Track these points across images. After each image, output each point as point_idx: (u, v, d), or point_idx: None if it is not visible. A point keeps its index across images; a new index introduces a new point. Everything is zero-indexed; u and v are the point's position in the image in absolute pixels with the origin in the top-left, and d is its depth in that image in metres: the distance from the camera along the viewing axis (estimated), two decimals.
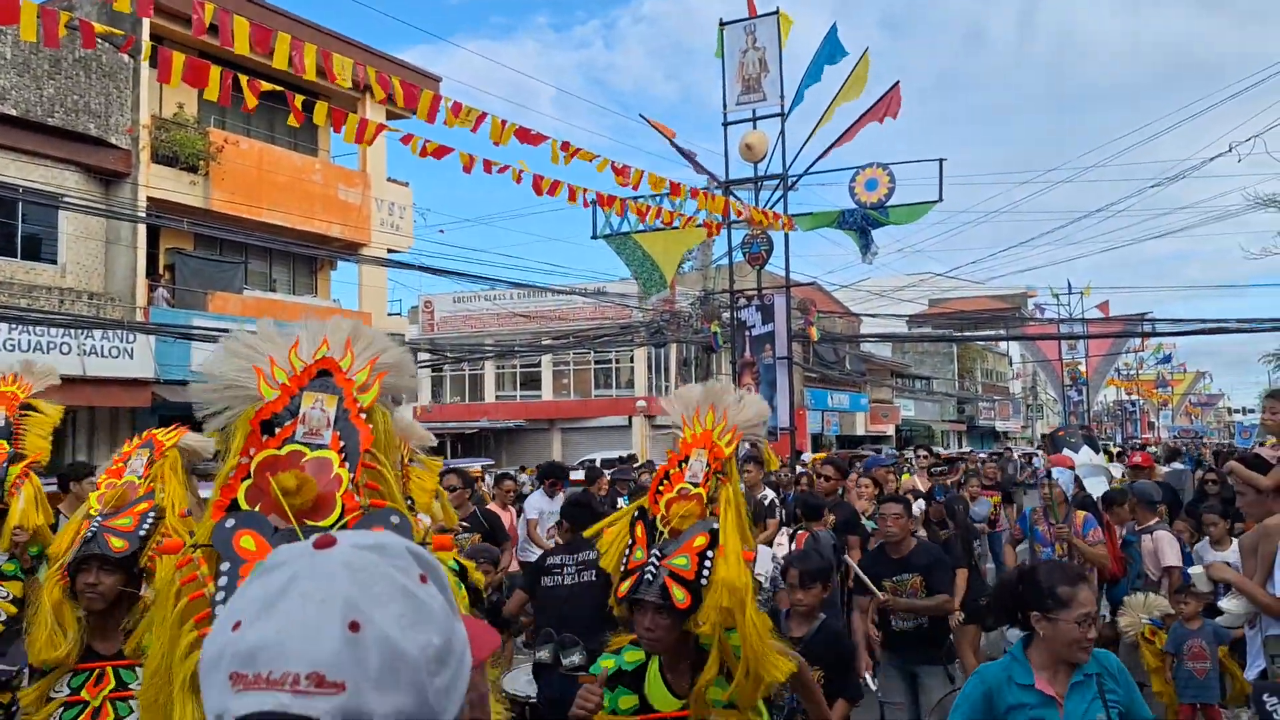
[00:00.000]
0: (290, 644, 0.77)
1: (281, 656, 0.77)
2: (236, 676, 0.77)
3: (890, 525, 6.02)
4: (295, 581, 0.81)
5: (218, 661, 0.79)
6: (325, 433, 1.89)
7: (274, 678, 0.76)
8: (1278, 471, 4.70)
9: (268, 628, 0.78)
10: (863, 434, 46.79)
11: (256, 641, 0.78)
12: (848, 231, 16.14)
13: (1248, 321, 24.27)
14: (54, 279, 16.81)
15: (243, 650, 0.78)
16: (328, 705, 0.76)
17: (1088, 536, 7.03)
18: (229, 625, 0.80)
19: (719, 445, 3.07)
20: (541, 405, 37.13)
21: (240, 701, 0.76)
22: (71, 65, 16.63)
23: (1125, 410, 66.21)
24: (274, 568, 0.84)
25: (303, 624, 0.78)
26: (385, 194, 22.67)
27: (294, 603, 0.79)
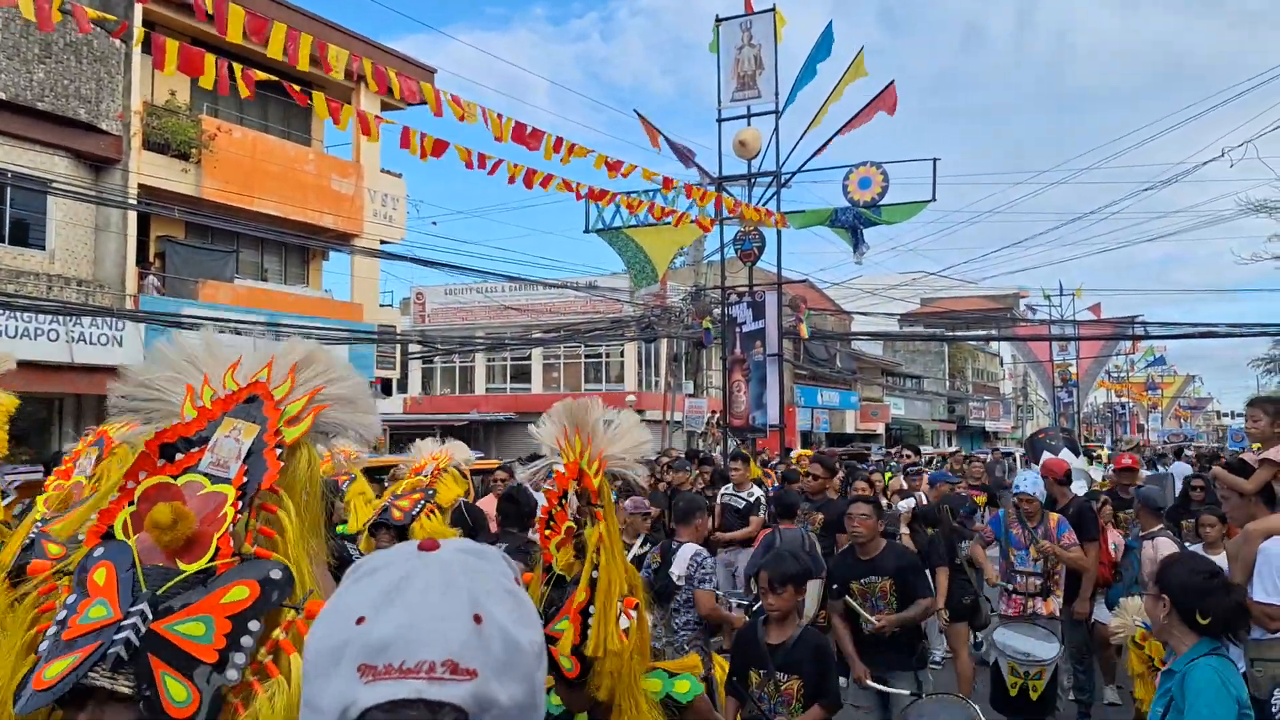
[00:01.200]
0: (422, 634, 0.80)
1: (415, 646, 0.79)
2: (366, 668, 0.79)
3: (858, 526, 5.90)
4: (412, 577, 0.84)
5: (339, 654, 0.80)
6: (233, 465, 1.71)
7: (408, 666, 0.78)
8: (1260, 476, 4.72)
9: (398, 620, 0.80)
10: (852, 432, 46.85)
11: (388, 633, 0.80)
12: (839, 230, 16.16)
13: (1238, 326, 24.39)
14: (42, 265, 16.73)
15: (373, 642, 0.79)
16: (461, 691, 0.79)
17: (1062, 539, 6.97)
18: (350, 619, 0.82)
19: (587, 475, 2.73)
20: (531, 398, 37.08)
21: (373, 691, 0.78)
22: (62, 50, 16.54)
23: (1115, 412, 66.46)
24: (379, 568, 0.86)
25: (433, 615, 0.81)
26: (378, 185, 22.60)
27: (418, 596, 0.82)
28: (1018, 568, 7.11)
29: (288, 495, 1.71)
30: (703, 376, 33.84)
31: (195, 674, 1.51)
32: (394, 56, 21.61)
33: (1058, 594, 7.09)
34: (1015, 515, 7.19)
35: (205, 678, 1.50)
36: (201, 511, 1.57)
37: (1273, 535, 4.50)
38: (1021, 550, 7.06)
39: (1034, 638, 6.38)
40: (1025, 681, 6.18)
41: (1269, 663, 4.37)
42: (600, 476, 2.73)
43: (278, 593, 1.58)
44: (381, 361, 22.66)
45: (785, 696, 4.42)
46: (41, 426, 17.43)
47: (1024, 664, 6.16)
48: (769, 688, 4.45)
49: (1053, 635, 6.45)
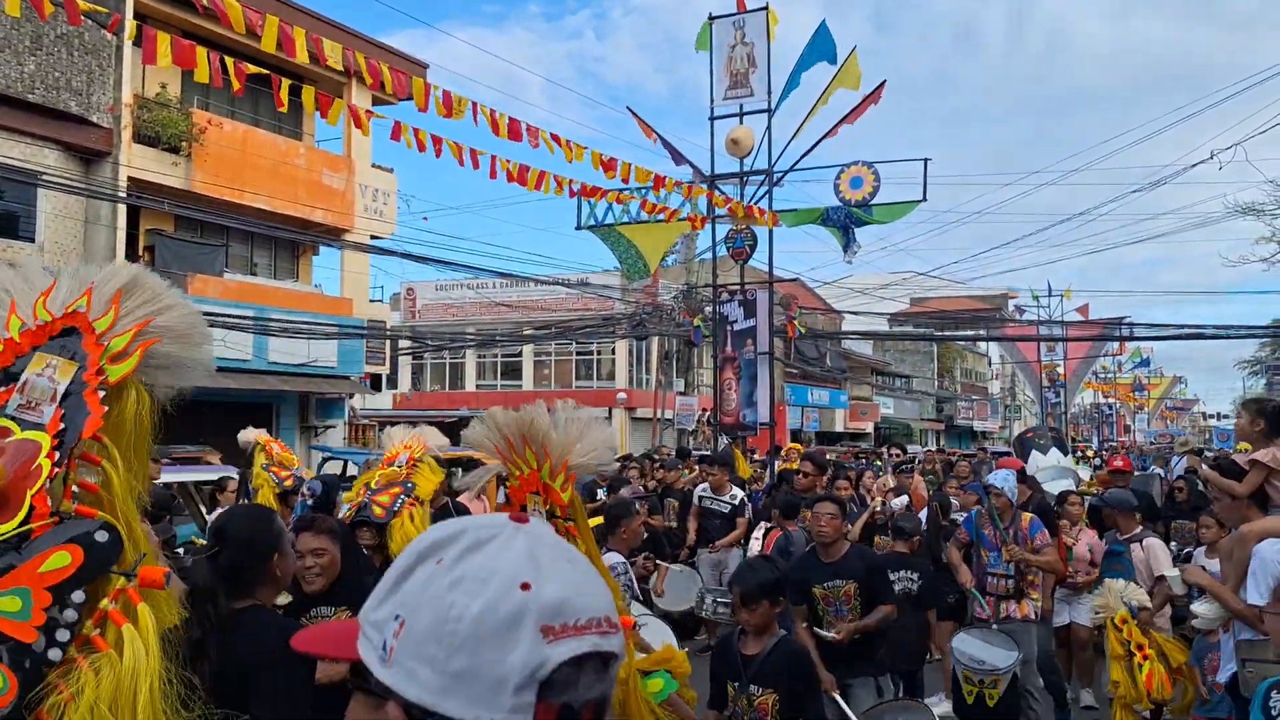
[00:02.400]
0: (586, 595, 0.87)
1: (583, 607, 0.86)
2: (546, 629, 0.83)
3: (823, 526, 5.57)
4: (538, 546, 0.89)
5: (518, 620, 0.83)
6: (46, 409, 1.48)
7: (581, 624, 0.85)
8: (1252, 478, 4.74)
9: (562, 584, 0.86)
10: (841, 431, 46.96)
11: (559, 596, 0.85)
12: (831, 229, 16.17)
13: (1224, 328, 24.50)
14: (32, 257, 16.64)
15: (549, 605, 0.84)
16: (617, 643, 0.87)
17: (1035, 539, 6.73)
18: (513, 586, 0.85)
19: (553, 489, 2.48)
20: (522, 395, 37.05)
21: (560, 649, 0.83)
22: (53, 42, 16.46)
23: (1102, 413, 66.72)
24: (489, 538, 0.89)
25: (583, 579, 0.88)
26: (369, 180, 22.54)
27: (559, 563, 0.88)
28: (990, 569, 6.87)
29: (113, 443, 1.49)
30: (693, 374, 33.87)
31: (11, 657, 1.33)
32: (386, 52, 21.55)
33: (1033, 596, 6.80)
34: (988, 515, 6.96)
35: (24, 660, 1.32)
36: (11, 464, 1.37)
37: (1266, 537, 4.52)
38: (993, 551, 6.84)
39: (991, 644, 6.16)
40: (980, 689, 5.96)
41: (1260, 663, 4.39)
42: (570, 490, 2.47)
43: (104, 557, 1.39)
44: (371, 357, 22.61)
45: (759, 712, 4.19)
46: None
47: (978, 672, 5.96)
48: (742, 702, 4.24)
49: (1012, 642, 6.17)
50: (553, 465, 2.48)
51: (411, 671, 0.85)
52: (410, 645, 0.85)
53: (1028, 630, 6.67)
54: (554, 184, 9.36)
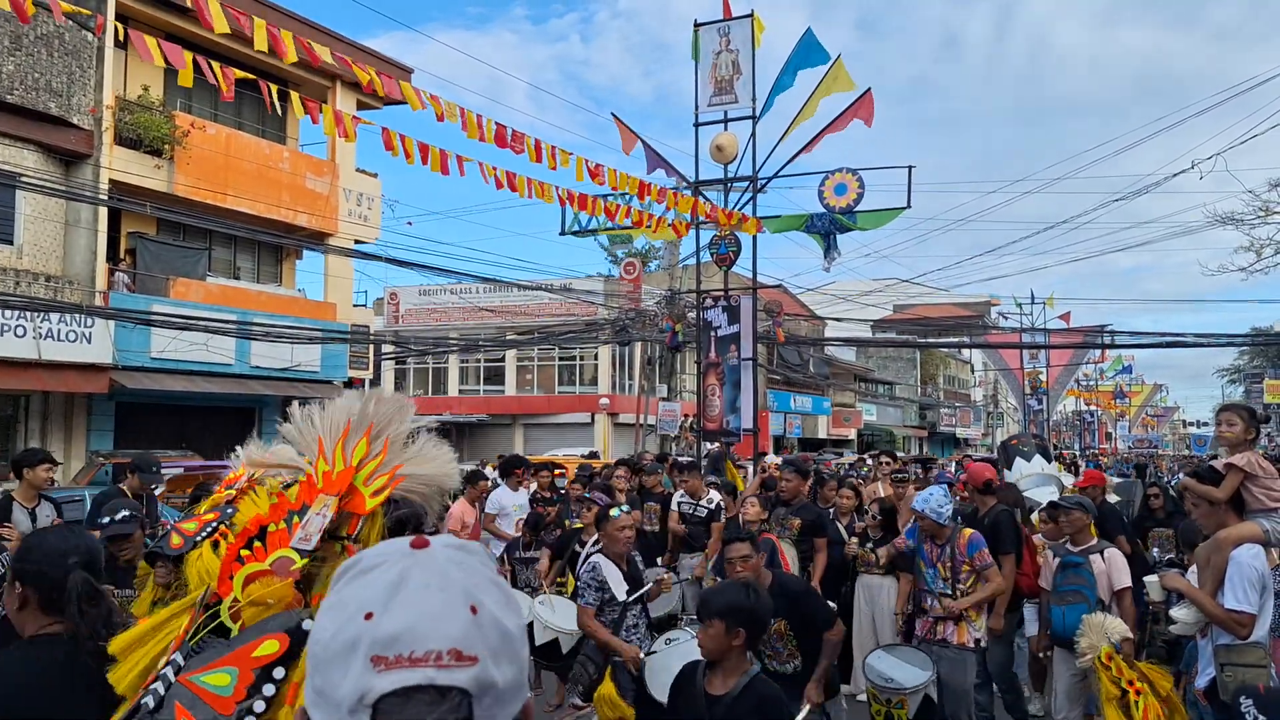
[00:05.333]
0: (427, 627, 0.87)
1: (422, 638, 0.87)
2: (379, 659, 0.86)
3: (739, 570, 5.00)
4: (410, 574, 0.91)
5: (353, 648, 0.87)
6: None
7: (417, 656, 0.86)
8: (1229, 483, 4.77)
9: (404, 615, 0.88)
10: (825, 437, 47.06)
11: (396, 627, 0.87)
12: (813, 235, 16.22)
13: (1205, 336, 24.69)
14: (10, 260, 16.51)
15: (382, 636, 0.87)
16: (466, 675, 0.87)
17: (974, 558, 6.20)
18: (359, 615, 0.89)
19: (362, 494, 2.07)
20: (504, 400, 37.02)
21: (386, 679, 0.86)
22: (33, 43, 16.35)
23: (1084, 420, 67.12)
24: (376, 566, 0.93)
25: (435, 609, 0.89)
26: (353, 184, 22.49)
27: (419, 592, 0.90)
28: (927, 586, 6.34)
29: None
30: (676, 380, 33.89)
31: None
32: (371, 55, 21.51)
33: (974, 620, 6.25)
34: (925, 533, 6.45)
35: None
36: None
37: (1243, 543, 4.55)
38: (931, 569, 6.32)
39: (904, 662, 5.76)
40: (888, 709, 5.54)
41: (1238, 668, 4.42)
42: (381, 497, 2.09)
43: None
44: (354, 362, 22.54)
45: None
46: (7, 424, 17.21)
47: (884, 690, 5.56)
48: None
49: (929, 662, 5.75)
50: (382, 466, 2.11)
51: (308, 681, 0.93)
52: (307, 659, 0.94)
53: (963, 659, 6.16)
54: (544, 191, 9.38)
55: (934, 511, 6.19)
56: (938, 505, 6.22)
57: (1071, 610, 6.01)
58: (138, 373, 17.39)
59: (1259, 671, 4.40)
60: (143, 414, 18.40)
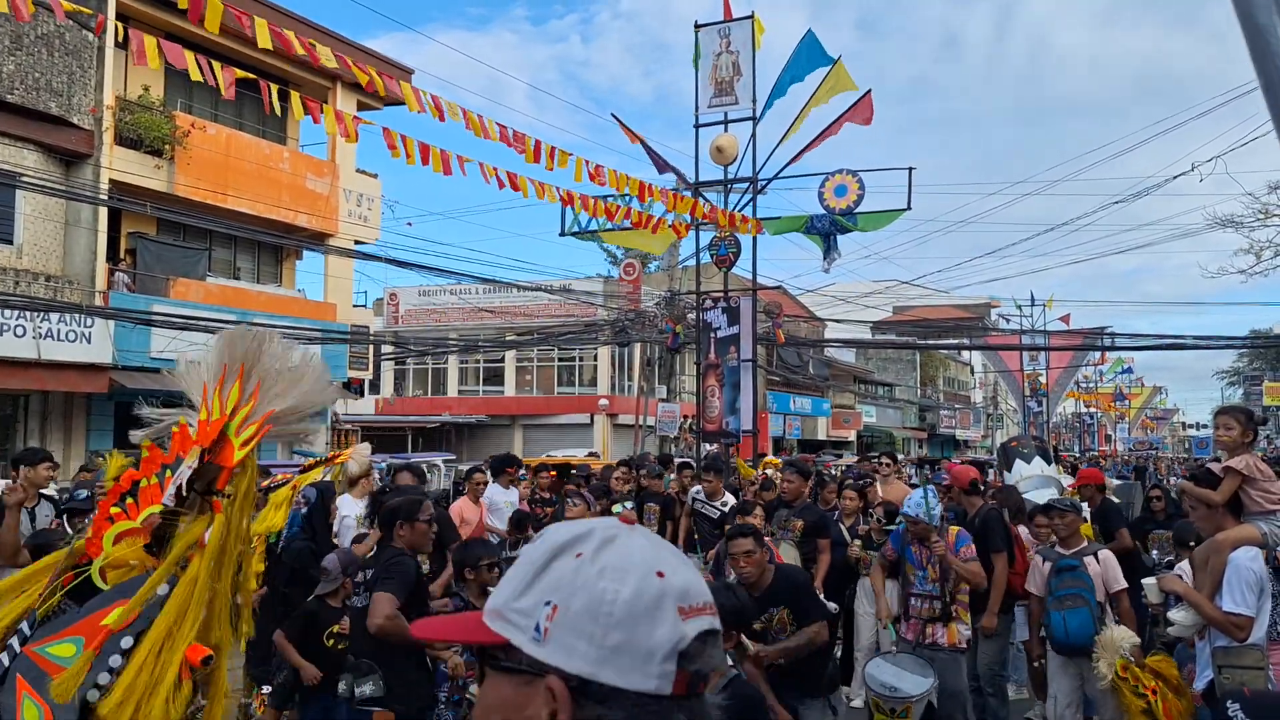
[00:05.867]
0: (699, 582, 1.03)
1: (700, 590, 1.02)
2: (682, 610, 0.98)
3: (744, 566, 5.09)
4: (648, 542, 1.04)
5: (660, 601, 0.98)
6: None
7: (700, 605, 1.00)
8: (1226, 486, 4.78)
9: (681, 571, 1.02)
10: (824, 439, 47.05)
11: (685, 583, 1.00)
12: (813, 236, 16.22)
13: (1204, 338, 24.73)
14: (10, 259, 16.52)
15: (679, 589, 0.99)
16: (719, 622, 1.03)
17: (960, 553, 6.27)
18: (651, 573, 1.00)
19: (232, 444, 1.90)
20: (504, 401, 37.02)
21: (694, 625, 0.99)
22: (34, 42, 16.35)
23: (1083, 422, 67.09)
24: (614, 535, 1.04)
25: (690, 568, 1.03)
26: (354, 185, 22.50)
27: (668, 556, 1.03)
28: (915, 589, 6.36)
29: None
30: (676, 381, 33.89)
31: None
32: (372, 56, 21.52)
33: (963, 619, 6.27)
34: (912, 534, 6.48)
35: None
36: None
37: (1241, 545, 4.56)
38: (920, 570, 6.33)
39: (906, 670, 5.77)
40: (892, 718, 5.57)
41: (1236, 670, 4.43)
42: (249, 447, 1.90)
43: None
44: (354, 362, 22.54)
45: None
46: (6, 423, 17.21)
47: (888, 700, 5.57)
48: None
49: (929, 668, 5.78)
50: (252, 413, 1.96)
51: (570, 647, 0.97)
52: (566, 625, 0.98)
53: (956, 661, 6.22)
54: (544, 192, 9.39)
55: (926, 515, 6.22)
56: (930, 508, 6.27)
57: (1073, 615, 5.90)
58: (137, 373, 17.38)
59: (1257, 674, 4.41)
60: None
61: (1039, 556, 6.44)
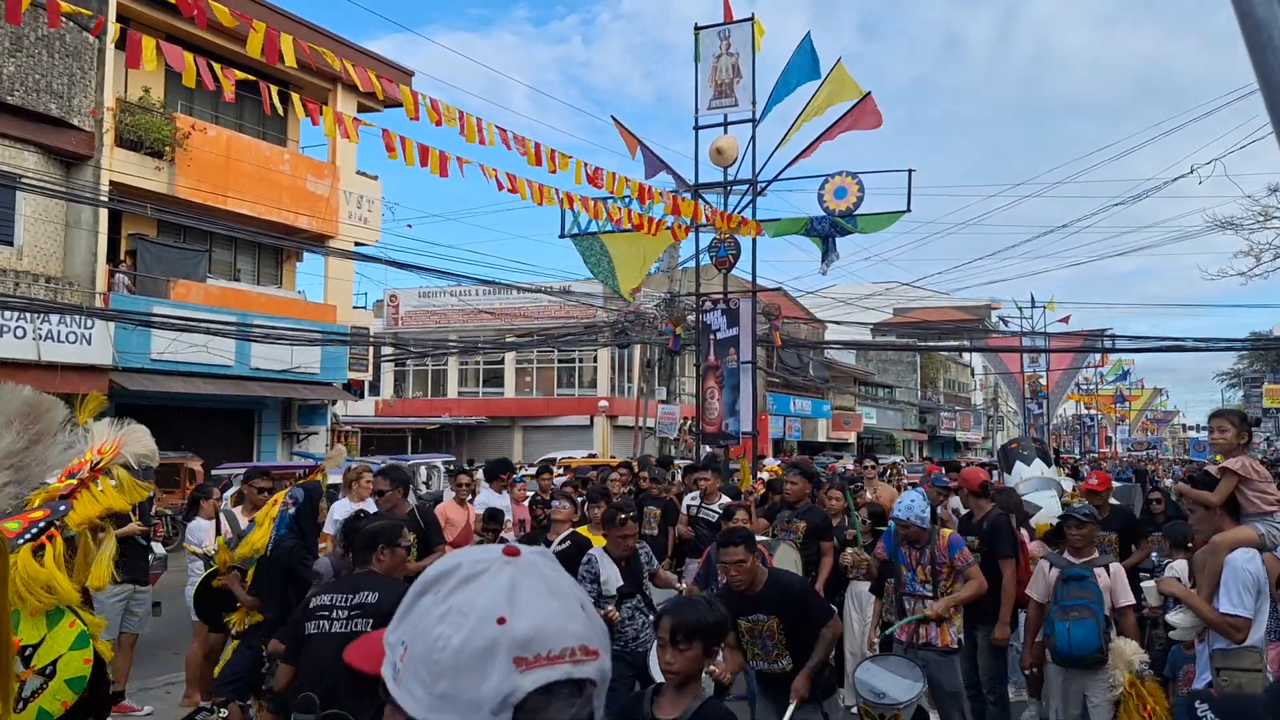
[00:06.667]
0: (557, 626, 0.95)
1: (555, 637, 0.94)
2: (519, 660, 0.93)
3: (733, 574, 5.03)
4: (519, 579, 0.98)
5: (490, 652, 0.93)
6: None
7: (554, 654, 0.94)
8: (1223, 487, 4.78)
9: (533, 617, 0.95)
10: (824, 440, 47.06)
11: (530, 629, 0.94)
12: (812, 238, 16.22)
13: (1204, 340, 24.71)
14: (10, 261, 16.53)
15: (520, 638, 0.93)
16: (594, 668, 0.96)
17: (954, 559, 6.14)
18: (488, 620, 0.94)
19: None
20: (504, 402, 37.03)
21: (529, 678, 0.92)
22: (34, 44, 16.37)
23: (1083, 424, 67.10)
24: (478, 574, 0.99)
25: (557, 610, 0.97)
26: (354, 186, 22.51)
27: (535, 596, 0.97)
28: (907, 591, 6.28)
29: None
30: (675, 383, 33.90)
31: None
32: (372, 58, 21.54)
33: (954, 620, 6.21)
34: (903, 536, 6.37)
35: None
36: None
37: (1238, 547, 4.56)
38: (910, 572, 6.25)
39: (895, 674, 5.64)
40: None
41: (1234, 672, 4.42)
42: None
43: None
44: (354, 364, 22.55)
45: None
46: None
47: (876, 706, 5.45)
48: None
49: (918, 671, 5.62)
50: None
51: (410, 690, 0.96)
52: (410, 667, 0.97)
53: (949, 662, 6.14)
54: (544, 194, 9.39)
55: (918, 517, 6.16)
56: (920, 511, 6.20)
57: (1078, 626, 5.70)
58: (137, 374, 17.40)
59: (1255, 676, 4.40)
60: (142, 415, 18.25)
61: (1045, 562, 6.22)
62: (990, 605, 6.73)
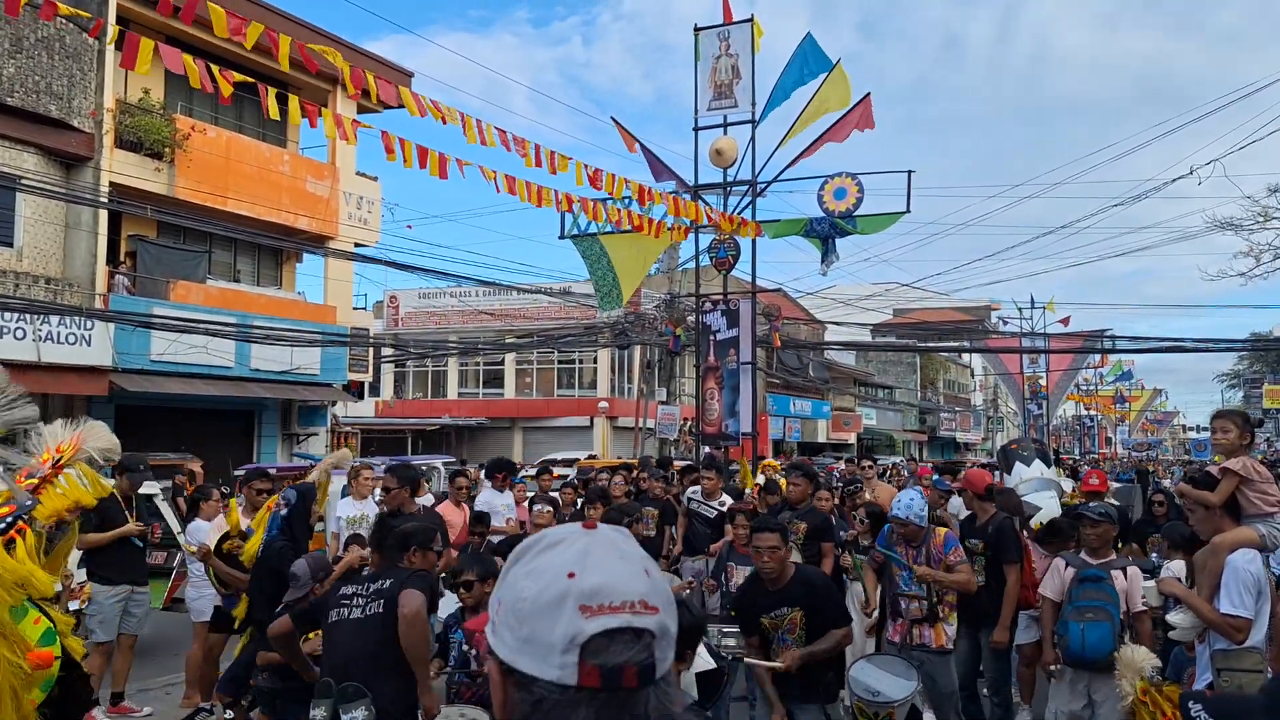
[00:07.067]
0: (622, 583, 1.08)
1: (619, 590, 1.07)
2: (585, 608, 1.05)
3: (767, 561, 5.13)
4: (592, 546, 1.12)
5: (560, 600, 1.06)
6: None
7: (615, 604, 1.06)
8: (1224, 487, 4.78)
9: (600, 573, 1.08)
10: (824, 441, 47.04)
11: (597, 582, 1.07)
12: (812, 239, 16.22)
13: (1204, 341, 24.70)
14: (10, 262, 16.52)
15: (587, 589, 1.06)
16: (653, 621, 1.08)
17: (949, 556, 6.14)
18: (561, 575, 1.08)
19: None
20: (504, 403, 37.03)
21: (595, 623, 1.05)
22: (34, 45, 16.37)
23: (1083, 425, 67.10)
24: (558, 542, 1.13)
25: (623, 571, 1.09)
26: (354, 187, 22.50)
27: (604, 559, 1.10)
28: (901, 590, 6.27)
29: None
30: (675, 384, 33.89)
31: None
32: (371, 59, 21.54)
33: (949, 620, 6.19)
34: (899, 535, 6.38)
35: None
36: None
37: (1239, 547, 4.56)
38: (905, 571, 6.26)
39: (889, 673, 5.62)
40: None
41: (1235, 673, 4.42)
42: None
43: None
44: (354, 365, 22.54)
45: None
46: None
47: (871, 704, 5.44)
48: None
49: (913, 671, 5.62)
50: None
51: (502, 638, 1.11)
52: (502, 618, 1.12)
53: (944, 662, 6.15)
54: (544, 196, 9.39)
55: (916, 516, 6.17)
56: (919, 510, 6.23)
57: (1092, 628, 5.57)
58: (137, 375, 17.39)
59: (1256, 676, 4.40)
60: (142, 417, 18.39)
61: (1061, 561, 6.05)
62: (994, 608, 6.76)
